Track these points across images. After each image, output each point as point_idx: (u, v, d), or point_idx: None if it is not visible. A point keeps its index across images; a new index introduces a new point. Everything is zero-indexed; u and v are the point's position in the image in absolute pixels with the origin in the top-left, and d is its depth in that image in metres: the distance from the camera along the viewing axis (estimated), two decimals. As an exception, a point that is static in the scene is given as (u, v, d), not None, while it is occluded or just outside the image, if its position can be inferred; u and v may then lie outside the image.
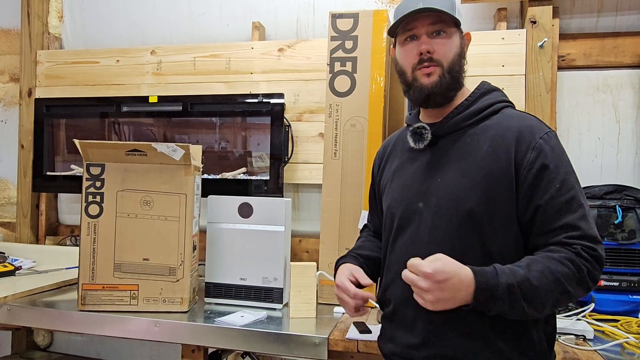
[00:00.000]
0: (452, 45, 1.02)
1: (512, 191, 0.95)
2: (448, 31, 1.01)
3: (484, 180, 0.95)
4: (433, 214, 0.99)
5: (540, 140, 0.95)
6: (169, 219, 1.51)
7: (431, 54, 1.00)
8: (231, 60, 2.17)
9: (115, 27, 2.41)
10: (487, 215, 0.95)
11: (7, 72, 2.55)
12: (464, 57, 1.05)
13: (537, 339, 0.96)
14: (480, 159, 0.97)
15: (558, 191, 0.92)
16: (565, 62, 1.92)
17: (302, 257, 2.13)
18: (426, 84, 1.01)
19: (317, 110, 2.08)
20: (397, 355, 1.05)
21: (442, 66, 1.01)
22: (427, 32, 1.01)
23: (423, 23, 1.01)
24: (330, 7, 2.11)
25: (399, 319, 1.05)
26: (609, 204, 1.69)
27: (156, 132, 2.24)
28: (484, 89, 1.07)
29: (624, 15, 1.90)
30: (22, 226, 2.41)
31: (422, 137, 1.04)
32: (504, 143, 0.97)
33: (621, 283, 1.60)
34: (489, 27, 2.00)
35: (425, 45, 1.00)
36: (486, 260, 0.93)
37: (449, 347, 0.96)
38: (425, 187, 1.02)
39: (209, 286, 1.63)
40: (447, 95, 1.03)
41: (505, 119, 1.01)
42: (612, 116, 1.92)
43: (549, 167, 0.93)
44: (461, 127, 1.03)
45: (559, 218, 0.91)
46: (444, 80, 1.01)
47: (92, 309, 1.49)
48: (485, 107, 1.03)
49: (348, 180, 1.66)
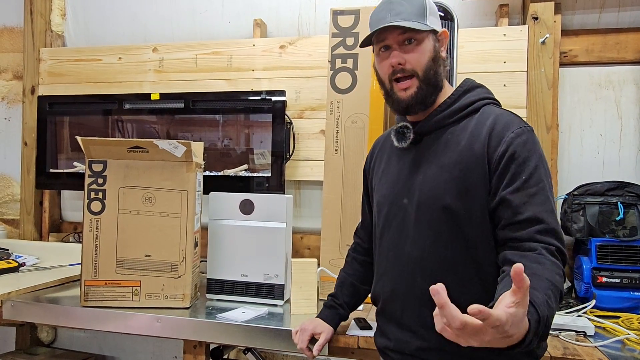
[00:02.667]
0: (424, 51, 1.03)
1: (485, 183, 0.97)
2: (418, 38, 1.02)
3: (461, 174, 0.98)
4: (416, 208, 1.02)
5: (512, 134, 0.96)
6: (170, 215, 1.52)
7: (403, 66, 1.02)
8: (233, 57, 2.17)
9: (118, 25, 2.42)
10: (465, 207, 0.97)
11: (11, 69, 2.57)
12: (439, 58, 1.06)
13: None
14: (457, 154, 1.00)
15: (524, 183, 0.93)
16: (567, 59, 1.91)
17: (304, 253, 2.14)
18: (403, 97, 1.04)
19: (318, 107, 2.08)
20: (390, 350, 1.07)
21: (417, 75, 1.02)
22: (398, 41, 1.03)
23: (393, 34, 1.02)
24: (332, 3, 2.11)
25: (389, 313, 1.08)
26: (610, 201, 1.69)
27: (159, 129, 2.25)
28: (466, 86, 1.08)
29: (627, 11, 1.89)
30: (25, 223, 2.43)
31: (405, 136, 1.07)
32: (480, 138, 0.99)
33: (622, 280, 1.60)
34: (490, 23, 1.99)
35: (396, 59, 1.02)
36: (468, 251, 0.97)
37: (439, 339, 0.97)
38: (409, 183, 1.05)
39: (211, 282, 1.64)
40: (426, 102, 1.05)
41: (483, 115, 1.02)
42: (614, 112, 1.91)
43: (517, 160, 0.94)
44: (443, 125, 1.05)
45: (524, 210, 0.91)
46: (421, 92, 1.03)
47: (94, 305, 1.50)
48: (466, 105, 1.05)
49: (349, 177, 1.67)
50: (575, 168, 1.92)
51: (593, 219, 1.69)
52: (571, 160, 1.93)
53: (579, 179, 1.84)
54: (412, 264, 1.03)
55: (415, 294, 1.02)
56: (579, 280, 1.70)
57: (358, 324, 1.39)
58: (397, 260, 1.06)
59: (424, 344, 1.01)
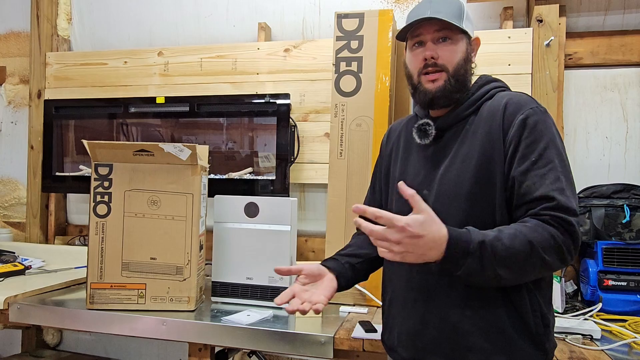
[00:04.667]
0: (457, 50, 1.04)
1: (503, 167, 0.97)
2: (454, 37, 1.04)
3: (480, 161, 0.98)
4: (435, 198, 1.02)
5: (522, 116, 0.97)
6: (176, 218, 1.52)
7: (435, 60, 1.04)
8: (237, 60, 2.18)
9: (123, 29, 2.43)
10: (486, 194, 0.97)
11: (17, 74, 2.59)
12: (470, 61, 1.08)
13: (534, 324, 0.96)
14: (476, 142, 1.00)
15: (534, 164, 0.93)
16: (572, 61, 1.91)
17: (308, 256, 2.14)
18: (430, 88, 1.05)
19: (322, 110, 2.08)
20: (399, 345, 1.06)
21: (447, 71, 1.04)
22: (433, 38, 1.04)
23: (429, 30, 1.04)
24: (336, 7, 2.11)
25: (404, 303, 1.06)
26: (616, 203, 1.68)
27: (164, 132, 2.26)
28: (482, 80, 1.10)
29: (632, 13, 1.88)
30: (31, 226, 2.44)
31: (427, 133, 1.08)
32: (495, 122, 1.00)
33: (629, 283, 1.59)
34: (495, 26, 1.99)
35: (430, 52, 1.04)
36: None
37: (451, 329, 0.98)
38: (431, 176, 1.06)
39: (216, 285, 1.64)
40: (452, 97, 1.05)
41: (497, 99, 1.04)
42: (619, 115, 1.91)
43: (527, 140, 0.95)
44: (462, 117, 1.06)
45: (534, 190, 0.92)
46: (449, 85, 1.04)
47: (100, 307, 1.50)
48: (482, 95, 1.06)
49: (354, 180, 1.67)
50: (580, 170, 1.91)
51: (599, 222, 1.68)
52: (577, 163, 1.92)
53: (584, 182, 1.83)
54: None
55: (431, 285, 1.01)
56: (585, 283, 1.69)
57: (363, 326, 1.39)
58: None
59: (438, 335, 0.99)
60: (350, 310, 1.58)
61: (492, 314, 0.96)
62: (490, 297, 0.96)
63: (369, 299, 1.64)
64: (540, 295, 0.99)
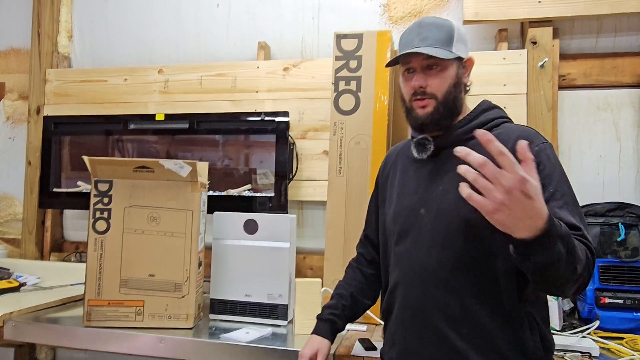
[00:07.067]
0: (446, 77, 1.07)
1: None
2: (442, 64, 1.06)
3: None
4: (434, 218, 1.04)
5: (536, 148, 0.99)
6: (175, 235, 1.52)
7: (424, 89, 1.07)
8: (237, 79, 2.21)
9: (124, 47, 2.46)
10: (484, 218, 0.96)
11: (16, 90, 2.60)
12: (461, 84, 1.10)
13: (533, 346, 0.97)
14: None
15: (552, 196, 0.96)
16: (566, 82, 1.95)
17: (307, 273, 2.14)
18: (420, 114, 1.08)
19: (321, 128, 2.10)
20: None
21: (437, 98, 1.07)
22: (422, 66, 1.07)
23: (418, 59, 1.07)
24: (335, 27, 2.15)
25: (402, 320, 1.07)
26: (611, 222, 1.70)
27: (160, 149, 2.27)
28: (485, 106, 1.12)
29: (623, 36, 1.93)
30: (27, 242, 2.42)
31: (425, 148, 1.10)
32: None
33: (625, 300, 1.60)
34: (490, 47, 2.03)
35: (418, 82, 1.07)
36: (488, 260, 0.98)
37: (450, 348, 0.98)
38: (427, 194, 1.07)
39: (214, 302, 1.63)
40: (441, 124, 1.08)
41: (505, 130, 1.06)
42: (612, 134, 1.94)
43: (543, 172, 0.96)
44: (462, 139, 1.07)
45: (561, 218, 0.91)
46: (437, 113, 1.07)
47: (97, 325, 1.49)
48: (487, 121, 1.08)
49: (352, 197, 1.68)
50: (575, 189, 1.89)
51: (594, 240, 1.70)
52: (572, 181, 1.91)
53: (579, 200, 1.81)
54: (427, 274, 1.03)
55: (429, 303, 1.02)
56: (582, 301, 1.70)
57: (362, 344, 1.38)
58: (411, 270, 1.06)
59: (435, 353, 1.00)
60: (350, 328, 1.57)
61: (489, 334, 0.97)
62: (487, 316, 0.97)
63: (368, 316, 1.63)
64: (539, 315, 1.00)
